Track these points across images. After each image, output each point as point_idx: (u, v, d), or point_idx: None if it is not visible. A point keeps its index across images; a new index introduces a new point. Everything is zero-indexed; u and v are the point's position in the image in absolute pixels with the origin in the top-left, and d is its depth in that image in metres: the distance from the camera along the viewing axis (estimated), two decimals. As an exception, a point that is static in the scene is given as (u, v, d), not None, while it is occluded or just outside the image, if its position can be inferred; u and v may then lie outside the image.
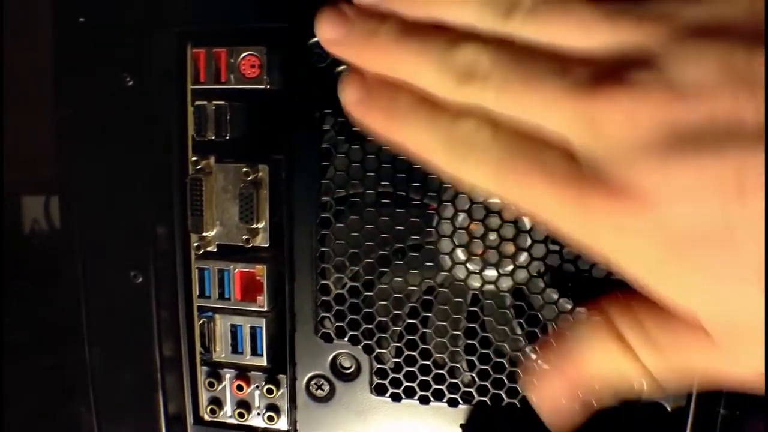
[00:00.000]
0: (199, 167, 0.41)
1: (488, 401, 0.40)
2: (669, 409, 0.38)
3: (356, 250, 0.40)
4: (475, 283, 0.39)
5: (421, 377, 0.41)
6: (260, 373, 0.43)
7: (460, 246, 0.39)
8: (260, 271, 0.41)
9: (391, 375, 0.41)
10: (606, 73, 0.23)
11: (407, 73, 0.27)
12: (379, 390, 0.41)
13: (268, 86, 0.39)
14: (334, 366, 0.42)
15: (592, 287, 0.38)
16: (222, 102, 0.40)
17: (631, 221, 0.23)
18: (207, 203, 0.41)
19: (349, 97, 0.28)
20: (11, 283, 0.84)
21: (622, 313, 0.27)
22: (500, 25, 0.25)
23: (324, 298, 0.41)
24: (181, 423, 0.44)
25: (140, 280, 0.41)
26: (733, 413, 0.36)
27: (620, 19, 0.23)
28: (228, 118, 0.40)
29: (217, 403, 0.44)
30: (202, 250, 0.42)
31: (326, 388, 0.42)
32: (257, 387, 0.43)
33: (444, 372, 0.40)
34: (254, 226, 0.41)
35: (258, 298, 0.42)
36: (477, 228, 0.38)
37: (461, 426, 0.41)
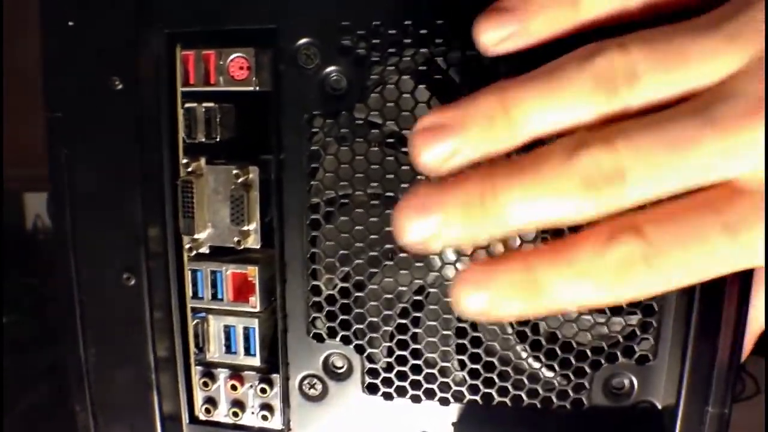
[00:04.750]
0: (189, 169, 0.41)
1: (479, 400, 0.40)
2: (659, 407, 0.39)
3: (346, 251, 0.40)
4: (464, 283, 0.39)
5: (412, 376, 0.41)
6: (254, 373, 0.43)
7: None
8: (252, 272, 0.42)
9: (383, 374, 0.41)
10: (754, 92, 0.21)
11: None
12: (371, 389, 0.42)
13: (257, 88, 0.39)
14: (327, 366, 0.42)
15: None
16: (211, 104, 0.40)
17: None
18: (198, 205, 0.41)
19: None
20: (13, 279, 0.85)
21: None
22: (619, 96, 0.22)
23: (315, 299, 0.41)
24: (177, 422, 0.44)
25: (133, 282, 0.41)
26: (722, 411, 0.36)
27: (738, 35, 0.22)
28: (218, 120, 0.40)
29: (211, 402, 0.44)
30: (195, 252, 0.42)
31: (319, 387, 0.42)
32: (251, 386, 0.43)
33: (435, 371, 0.41)
34: (245, 227, 0.41)
35: (250, 298, 0.42)
36: (466, 228, 0.38)
37: (453, 424, 0.41)
